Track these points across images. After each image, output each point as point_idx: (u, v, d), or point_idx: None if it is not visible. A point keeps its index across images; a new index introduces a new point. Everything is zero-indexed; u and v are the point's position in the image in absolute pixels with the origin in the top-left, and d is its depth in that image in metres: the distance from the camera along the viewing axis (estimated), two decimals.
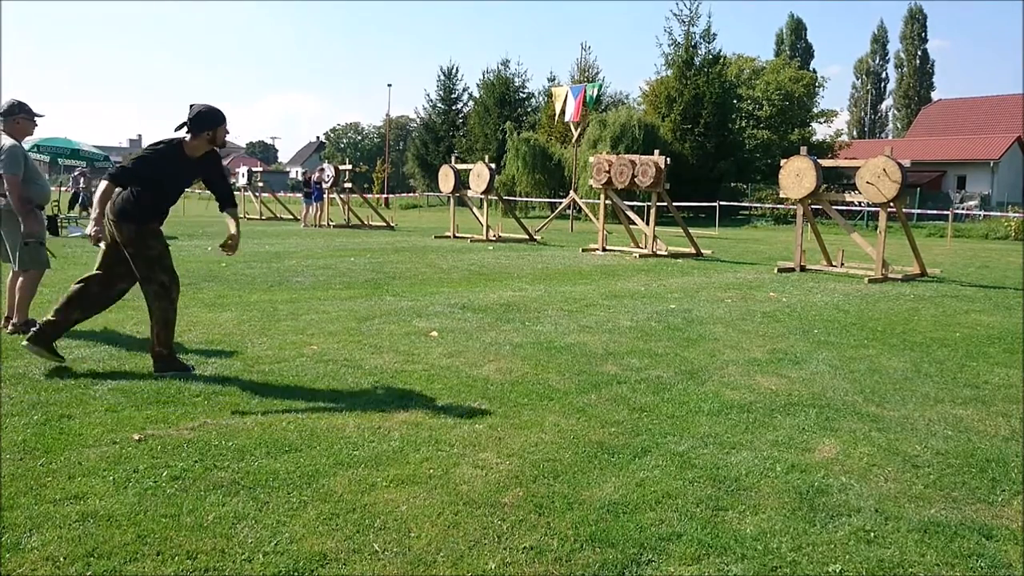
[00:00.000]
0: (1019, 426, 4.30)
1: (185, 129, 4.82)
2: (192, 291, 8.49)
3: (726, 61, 39.87)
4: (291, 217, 27.53)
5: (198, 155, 4.86)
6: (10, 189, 5.80)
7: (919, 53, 63.57)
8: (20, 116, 5.95)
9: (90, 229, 4.81)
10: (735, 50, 51.82)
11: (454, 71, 53.65)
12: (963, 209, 33.76)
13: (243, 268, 10.96)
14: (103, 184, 4.70)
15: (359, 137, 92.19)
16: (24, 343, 4.88)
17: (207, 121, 4.82)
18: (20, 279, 5.95)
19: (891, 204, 11.69)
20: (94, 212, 4.81)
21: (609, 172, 15.13)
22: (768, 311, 8.23)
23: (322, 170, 24.62)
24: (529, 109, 48.18)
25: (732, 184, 38.03)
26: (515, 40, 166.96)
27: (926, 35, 63.76)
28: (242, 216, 28.04)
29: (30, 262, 5.96)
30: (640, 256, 14.88)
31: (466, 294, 8.96)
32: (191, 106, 4.84)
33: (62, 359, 4.96)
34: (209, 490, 3.10)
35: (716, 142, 36.73)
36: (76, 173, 25.57)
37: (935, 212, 29.08)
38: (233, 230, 5.06)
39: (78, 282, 4.93)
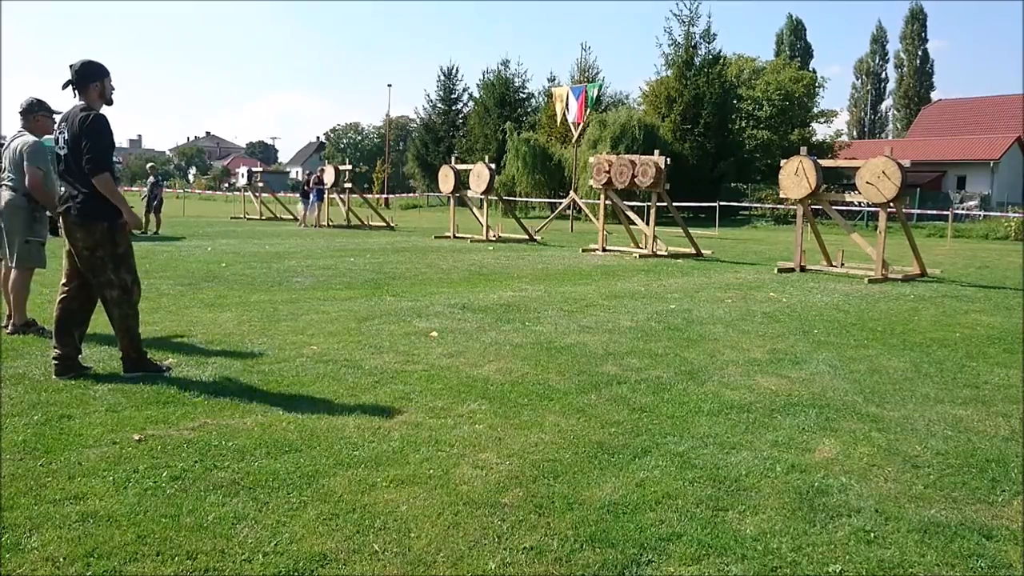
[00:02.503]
0: (1019, 426, 4.30)
1: (71, 88, 4.63)
2: (192, 291, 8.49)
3: (726, 61, 39.86)
4: (291, 217, 27.51)
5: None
6: (32, 184, 5.75)
7: (919, 53, 63.53)
8: (40, 114, 5.96)
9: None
10: (735, 50, 51.82)
11: (454, 71, 53.70)
12: (963, 209, 33.75)
13: (243, 268, 10.96)
14: (109, 177, 4.56)
15: (359, 137, 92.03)
16: (54, 377, 4.68)
17: (95, 72, 4.66)
18: (12, 276, 5.93)
19: (891, 204, 11.69)
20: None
21: (609, 172, 15.13)
22: (768, 311, 8.23)
23: (323, 171, 24.72)
24: (529, 109, 48.13)
25: (732, 184, 38.02)
26: (515, 40, 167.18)
27: (926, 35, 63.72)
28: (242, 216, 28.06)
29: (27, 260, 5.93)
30: (640, 256, 14.88)
31: (466, 294, 8.96)
32: (71, 66, 4.65)
33: (90, 368, 4.88)
34: (209, 490, 3.10)
35: (716, 142, 36.73)
36: None
37: (935, 212, 29.09)
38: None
39: (58, 305, 4.75)
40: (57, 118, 6.02)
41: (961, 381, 5.32)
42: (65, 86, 4.66)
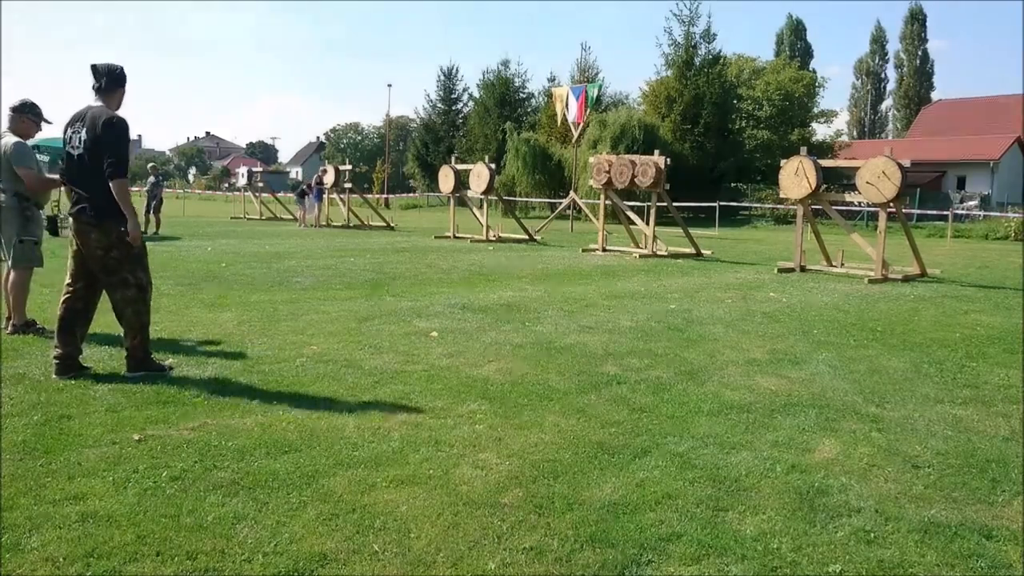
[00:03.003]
0: (1019, 426, 4.30)
1: (97, 90, 4.65)
2: (192, 291, 8.49)
3: (726, 61, 39.85)
4: (291, 217, 27.51)
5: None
6: (29, 183, 5.81)
7: (919, 53, 63.48)
8: (28, 116, 5.96)
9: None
10: (735, 50, 51.72)
11: (454, 71, 53.70)
12: (963, 209, 33.74)
13: (243, 268, 10.96)
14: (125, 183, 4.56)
15: (359, 137, 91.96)
16: (54, 376, 4.67)
17: (124, 78, 4.72)
18: (11, 277, 5.93)
19: (891, 204, 11.69)
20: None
21: (609, 172, 15.13)
22: (768, 311, 8.23)
23: (324, 171, 24.80)
24: (529, 109, 48.12)
25: (732, 184, 38.00)
26: (515, 40, 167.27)
27: (926, 35, 63.61)
28: (242, 216, 28.06)
29: (22, 259, 5.93)
30: (640, 256, 14.88)
31: (466, 294, 8.96)
32: (94, 67, 4.66)
33: (91, 368, 4.88)
34: (209, 490, 3.10)
35: (716, 142, 36.73)
36: None
37: (935, 212, 29.07)
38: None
39: (62, 305, 4.74)
40: (45, 126, 6.09)
41: (961, 381, 5.32)
42: (99, 84, 4.66)
